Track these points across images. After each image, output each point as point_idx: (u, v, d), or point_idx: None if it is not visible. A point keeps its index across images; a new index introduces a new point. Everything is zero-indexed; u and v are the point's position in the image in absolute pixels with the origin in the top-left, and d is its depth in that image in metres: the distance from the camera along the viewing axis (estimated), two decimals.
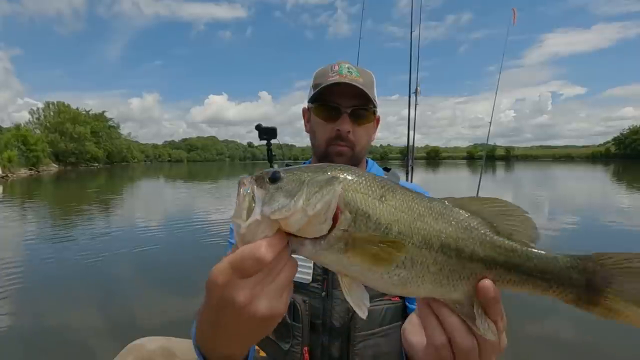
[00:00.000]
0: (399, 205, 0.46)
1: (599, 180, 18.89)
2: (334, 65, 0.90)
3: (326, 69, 0.90)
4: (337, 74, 0.87)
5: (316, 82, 0.91)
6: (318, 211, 0.43)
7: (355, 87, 0.85)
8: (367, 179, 0.46)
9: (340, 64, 0.89)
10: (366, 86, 0.87)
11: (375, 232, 0.44)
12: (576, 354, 2.27)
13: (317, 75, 0.92)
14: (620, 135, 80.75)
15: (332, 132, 0.89)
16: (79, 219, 7.84)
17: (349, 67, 0.89)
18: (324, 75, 0.89)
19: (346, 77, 0.86)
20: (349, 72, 0.87)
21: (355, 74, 0.88)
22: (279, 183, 0.45)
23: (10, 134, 37.21)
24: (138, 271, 4.12)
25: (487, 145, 3.17)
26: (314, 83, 0.92)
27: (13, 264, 4.30)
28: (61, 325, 2.69)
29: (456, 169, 39.78)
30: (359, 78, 0.88)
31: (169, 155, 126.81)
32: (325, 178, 0.45)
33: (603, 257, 0.46)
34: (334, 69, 0.89)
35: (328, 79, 0.87)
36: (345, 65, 0.89)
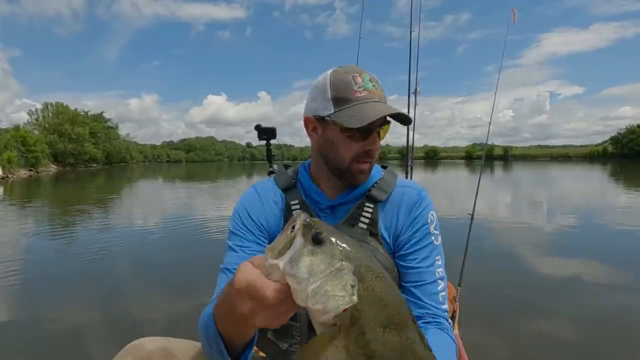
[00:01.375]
0: (401, 344, 0.46)
1: (597, 180, 18.94)
2: (356, 76, 0.83)
3: (347, 80, 0.83)
4: (364, 89, 0.83)
5: (339, 95, 0.83)
6: (317, 309, 0.44)
7: (388, 107, 0.83)
8: (384, 308, 0.46)
9: (362, 75, 0.84)
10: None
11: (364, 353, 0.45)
12: (576, 354, 2.28)
13: (336, 86, 0.84)
14: (618, 135, 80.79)
15: (360, 149, 0.86)
16: (78, 219, 7.85)
17: (371, 79, 0.85)
18: (348, 89, 0.83)
19: (375, 94, 0.83)
20: (373, 87, 0.84)
21: (379, 87, 0.86)
22: (316, 248, 0.46)
23: (10, 135, 37.10)
24: (136, 271, 4.13)
25: (487, 145, 3.18)
26: (335, 95, 0.84)
27: (12, 264, 4.33)
28: (60, 325, 2.68)
29: (455, 168, 39.80)
30: (383, 91, 0.86)
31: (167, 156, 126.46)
32: (351, 281, 0.45)
33: None
34: (357, 81, 0.83)
35: (355, 94, 0.82)
36: (367, 77, 0.84)
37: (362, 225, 0.91)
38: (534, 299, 3.09)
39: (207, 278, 3.65)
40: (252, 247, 0.91)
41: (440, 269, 0.91)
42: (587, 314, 2.85)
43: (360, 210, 0.92)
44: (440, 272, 0.91)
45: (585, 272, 3.83)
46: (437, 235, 0.93)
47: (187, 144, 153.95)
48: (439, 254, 0.93)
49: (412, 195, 0.94)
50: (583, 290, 3.35)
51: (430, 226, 0.92)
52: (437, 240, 0.93)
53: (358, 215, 0.91)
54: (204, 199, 11.96)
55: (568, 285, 3.46)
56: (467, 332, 1.90)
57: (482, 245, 4.81)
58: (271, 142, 1.91)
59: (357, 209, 0.92)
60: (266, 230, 0.94)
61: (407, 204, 0.93)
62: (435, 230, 0.93)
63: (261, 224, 0.93)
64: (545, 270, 3.92)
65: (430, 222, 0.92)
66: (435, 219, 0.94)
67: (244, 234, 0.92)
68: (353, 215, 0.92)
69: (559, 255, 4.57)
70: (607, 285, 3.47)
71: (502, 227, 6.41)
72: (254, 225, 0.93)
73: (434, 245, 0.92)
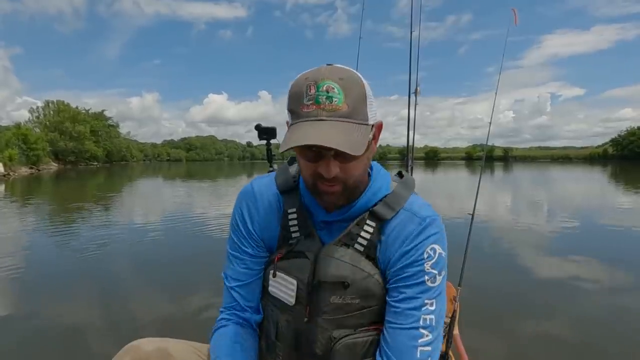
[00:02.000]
0: None
1: (597, 182, 18.95)
2: (311, 86, 0.67)
3: (301, 90, 0.69)
4: (313, 104, 0.67)
5: (290, 106, 0.71)
6: None
7: (317, 133, 0.65)
8: None
9: (318, 83, 0.67)
10: (354, 112, 0.68)
11: None
12: (576, 354, 2.28)
13: (291, 95, 0.71)
14: (618, 137, 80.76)
15: (314, 171, 0.72)
16: (78, 217, 7.86)
17: (328, 89, 0.66)
18: (298, 99, 0.69)
19: (325, 108, 0.66)
20: (328, 100, 0.66)
21: (338, 99, 0.67)
22: None
23: (11, 132, 37.15)
24: (135, 271, 4.13)
25: (488, 145, 3.17)
26: (289, 107, 0.71)
27: (11, 261, 4.34)
28: (58, 325, 2.68)
29: (455, 169, 39.82)
30: (343, 105, 0.67)
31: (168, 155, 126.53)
32: None
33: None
34: (309, 92, 0.67)
35: (303, 109, 0.68)
36: (324, 86, 0.66)
37: (358, 247, 0.79)
38: (534, 299, 3.10)
39: (206, 278, 3.66)
40: (245, 260, 0.87)
41: (429, 317, 0.75)
42: (587, 314, 2.85)
43: (360, 229, 0.80)
44: (430, 320, 0.75)
45: (586, 273, 3.83)
46: (435, 275, 0.76)
47: (188, 143, 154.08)
48: (434, 297, 0.76)
49: (412, 223, 0.78)
50: (583, 290, 3.35)
51: (426, 263, 0.76)
52: (432, 281, 0.76)
53: (356, 235, 0.80)
54: (204, 198, 11.97)
55: (568, 286, 3.46)
56: (467, 332, 1.90)
57: (483, 245, 4.82)
58: (271, 141, 1.90)
59: (357, 225, 0.80)
60: (260, 239, 0.87)
61: (404, 233, 0.78)
62: (433, 268, 0.76)
63: (255, 232, 0.86)
64: (546, 271, 3.93)
65: (427, 259, 0.76)
66: (437, 255, 0.77)
67: (239, 241, 0.88)
68: (350, 234, 0.80)
69: (559, 255, 4.57)
70: (607, 285, 3.47)
71: (502, 227, 6.41)
72: (248, 232, 0.87)
73: (426, 287, 0.75)
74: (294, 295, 0.79)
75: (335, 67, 0.71)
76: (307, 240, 0.81)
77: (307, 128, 0.66)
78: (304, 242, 0.81)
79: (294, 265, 0.80)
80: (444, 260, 0.78)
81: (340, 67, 0.71)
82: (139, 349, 0.78)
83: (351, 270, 0.77)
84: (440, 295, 0.77)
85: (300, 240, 0.82)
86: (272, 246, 0.87)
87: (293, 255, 0.81)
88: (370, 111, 0.71)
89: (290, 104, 0.71)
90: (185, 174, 30.61)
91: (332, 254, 0.78)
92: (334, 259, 0.78)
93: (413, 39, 2.62)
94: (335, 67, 0.71)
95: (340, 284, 0.77)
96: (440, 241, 0.78)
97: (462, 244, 2.36)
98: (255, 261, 0.87)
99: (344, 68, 0.71)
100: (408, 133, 2.74)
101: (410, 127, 2.74)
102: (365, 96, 0.70)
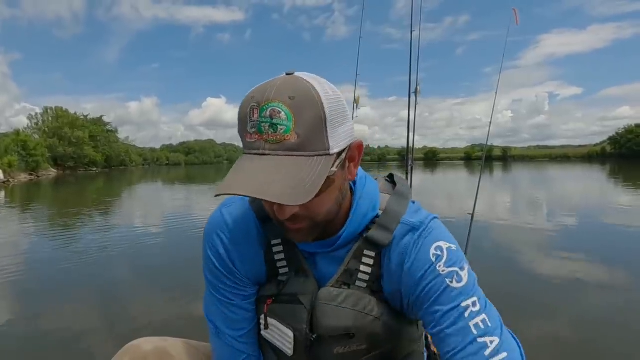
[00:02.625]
0: None
1: (596, 180, 18.99)
2: (254, 110, 0.54)
3: (245, 114, 0.56)
4: (256, 132, 0.55)
5: (239, 131, 0.59)
6: None
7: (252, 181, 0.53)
8: None
9: (262, 106, 0.54)
10: (307, 142, 0.54)
11: None
12: (577, 354, 2.28)
13: (239, 116, 0.58)
14: (616, 135, 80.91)
15: (271, 207, 0.61)
16: (79, 221, 7.89)
17: (272, 114, 0.53)
18: (243, 124, 0.57)
19: (268, 139, 0.54)
20: (272, 129, 0.53)
21: (285, 127, 0.53)
22: None
23: (10, 139, 37.22)
24: (133, 272, 4.16)
25: (488, 145, 3.17)
26: (238, 126, 0.59)
27: (12, 265, 4.36)
28: (58, 327, 2.70)
29: (454, 169, 39.85)
30: (290, 135, 0.53)
31: (167, 159, 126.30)
32: None
33: None
34: (252, 117, 0.55)
35: (246, 137, 0.57)
36: (268, 110, 0.53)
37: (361, 284, 0.68)
38: (535, 299, 3.11)
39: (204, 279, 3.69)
40: (237, 304, 0.75)
41: (480, 318, 0.61)
42: (588, 313, 2.86)
43: (358, 262, 0.68)
44: (483, 322, 0.61)
45: (586, 272, 3.84)
46: (456, 271, 0.64)
47: (187, 147, 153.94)
48: (471, 295, 0.62)
49: (407, 234, 0.67)
50: (584, 289, 3.36)
51: (438, 266, 0.64)
52: (458, 280, 0.63)
53: (355, 271, 0.68)
54: (202, 201, 11.98)
55: (569, 285, 3.47)
56: None
57: (482, 245, 4.83)
58: None
59: (354, 259, 0.68)
60: (242, 274, 0.74)
61: (403, 249, 0.67)
62: (449, 267, 0.64)
63: (238, 270, 0.74)
64: (546, 270, 3.94)
65: (436, 261, 0.64)
66: (446, 251, 0.65)
67: (222, 284, 0.75)
68: (349, 271, 0.68)
69: (559, 254, 4.58)
70: (608, 285, 3.48)
71: (502, 227, 6.43)
72: (230, 271, 0.74)
73: (454, 289, 0.62)
74: (292, 347, 0.71)
75: (290, 80, 0.56)
76: (298, 277, 0.70)
77: (245, 166, 0.55)
78: (295, 280, 0.70)
79: (288, 313, 0.70)
80: (456, 252, 0.66)
81: (297, 80, 0.56)
82: (138, 348, 0.77)
83: (356, 317, 0.67)
84: (476, 288, 0.64)
85: (290, 278, 0.71)
86: (259, 282, 0.75)
87: (285, 299, 0.70)
88: (334, 137, 0.56)
89: (238, 126, 0.59)
90: (185, 178, 30.62)
91: (331, 300, 0.67)
92: (335, 307, 0.67)
93: (413, 39, 2.62)
94: (291, 80, 0.56)
95: (345, 335, 0.68)
96: (443, 236, 0.67)
97: (462, 244, 2.39)
98: (250, 301, 0.76)
99: (302, 81, 0.56)
100: (408, 133, 2.73)
101: (410, 127, 2.72)
102: (323, 120, 0.55)
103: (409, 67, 2.62)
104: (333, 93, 0.58)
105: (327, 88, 0.57)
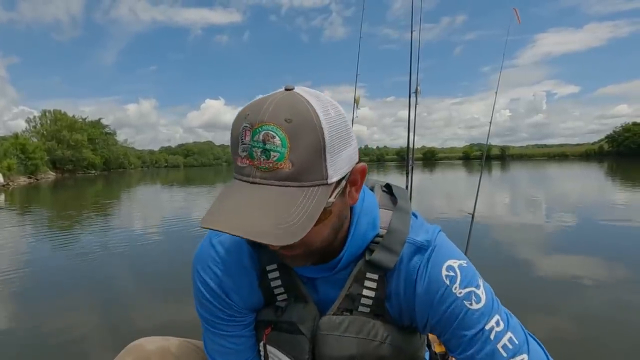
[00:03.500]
0: None
1: (594, 179, 19.06)
2: (246, 132, 0.49)
3: (237, 135, 0.51)
4: (247, 157, 0.50)
5: (231, 153, 0.53)
6: None
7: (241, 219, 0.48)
8: None
9: (255, 128, 0.48)
10: (302, 171, 0.49)
11: None
12: (577, 353, 2.27)
13: (231, 131, 0.53)
14: (613, 133, 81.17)
15: None
16: (79, 223, 7.94)
17: (265, 138, 0.48)
18: (234, 144, 0.52)
19: (260, 166, 0.49)
20: (264, 155, 0.48)
21: (279, 154, 0.48)
22: None
23: (9, 142, 37.26)
24: (135, 273, 4.19)
25: (487, 145, 3.18)
26: (230, 144, 0.54)
27: (13, 268, 4.39)
28: (60, 327, 2.71)
29: (453, 169, 39.91)
30: (284, 163, 0.48)
31: (165, 161, 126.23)
32: None
33: None
34: (244, 139, 0.50)
35: (237, 160, 0.52)
36: (261, 134, 0.48)
37: (363, 309, 0.65)
38: (535, 298, 3.11)
39: None
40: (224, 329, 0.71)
41: (506, 338, 0.58)
42: (588, 311, 2.86)
43: (360, 287, 0.64)
44: (510, 341, 0.58)
45: (586, 271, 3.85)
46: (473, 291, 0.60)
47: (185, 149, 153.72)
48: (493, 314, 0.60)
49: (414, 256, 0.63)
50: (583, 288, 3.37)
51: (454, 288, 0.61)
52: (477, 300, 0.60)
53: (358, 296, 0.64)
54: (202, 203, 12.02)
55: (569, 283, 3.47)
56: None
57: (482, 245, 4.84)
58: None
59: (356, 282, 0.64)
60: (239, 306, 0.70)
61: (411, 272, 0.63)
62: (464, 287, 0.60)
63: (234, 302, 0.69)
64: (546, 269, 3.95)
65: (450, 283, 0.61)
66: (458, 269, 0.62)
67: (217, 318, 0.71)
68: (350, 296, 0.64)
69: (559, 253, 4.60)
70: (608, 283, 3.48)
71: (501, 226, 6.47)
72: (226, 304, 0.69)
73: (475, 311, 0.59)
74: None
75: (288, 99, 0.50)
76: (297, 305, 0.67)
77: (233, 196, 0.50)
78: (294, 308, 0.67)
79: (288, 343, 0.66)
80: (468, 268, 0.63)
81: (296, 99, 0.50)
82: (141, 348, 0.77)
83: (360, 344, 0.64)
84: (495, 303, 0.61)
85: (289, 304, 0.67)
86: (256, 308, 0.72)
87: (285, 327, 0.67)
88: (333, 164, 0.51)
89: (231, 146, 0.53)
90: (184, 180, 30.63)
91: (333, 329, 0.64)
92: (337, 337, 0.64)
93: (413, 39, 2.60)
94: (289, 99, 0.50)
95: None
96: (451, 253, 0.64)
97: (462, 244, 2.42)
98: (250, 328, 0.73)
99: (301, 100, 0.50)
100: (408, 133, 2.69)
101: (410, 127, 2.68)
102: (321, 147, 0.49)
103: (409, 67, 2.60)
104: (335, 113, 0.52)
105: (328, 108, 0.51)
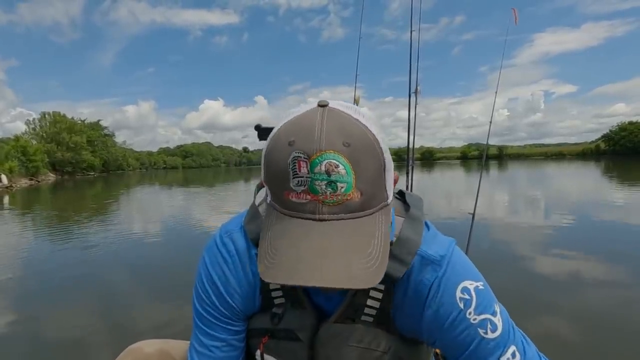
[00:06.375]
0: None
1: (591, 178, 19.16)
2: (300, 162, 0.43)
3: (282, 162, 0.45)
4: (307, 191, 0.44)
5: (270, 185, 0.48)
6: None
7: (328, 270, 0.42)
8: None
9: (313, 159, 0.43)
10: (370, 198, 0.45)
11: None
12: (577, 353, 2.27)
13: (269, 168, 0.47)
14: (610, 132, 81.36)
15: None
16: (79, 224, 7.99)
17: (329, 169, 0.42)
18: (281, 180, 0.46)
19: (326, 200, 0.44)
20: (330, 188, 0.43)
21: (346, 184, 0.43)
22: None
23: (11, 145, 37.35)
24: (134, 275, 4.20)
25: (487, 145, 3.20)
26: (266, 180, 0.49)
27: (14, 269, 4.44)
28: (60, 329, 2.71)
29: (451, 169, 39.93)
30: (353, 194, 0.44)
31: (164, 163, 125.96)
32: None
33: None
34: (298, 170, 0.44)
35: (290, 195, 0.45)
36: (323, 164, 0.43)
37: (367, 318, 0.61)
38: (535, 298, 3.09)
39: None
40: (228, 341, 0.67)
41: (510, 349, 0.56)
42: (588, 312, 2.83)
43: (365, 296, 0.61)
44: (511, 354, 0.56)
45: (586, 270, 3.81)
46: (488, 319, 0.57)
47: (184, 150, 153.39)
48: (507, 343, 0.57)
49: (426, 270, 0.59)
50: (583, 288, 3.34)
51: (468, 313, 0.56)
52: (492, 328, 0.56)
53: (361, 305, 0.61)
54: (201, 204, 12.08)
55: (569, 282, 3.46)
56: None
57: (482, 245, 4.85)
58: None
59: (361, 291, 0.60)
60: (239, 308, 0.66)
61: (421, 288, 0.59)
62: (480, 313, 0.56)
63: (236, 305, 0.66)
64: (547, 268, 3.95)
65: (464, 307, 0.56)
66: (474, 292, 0.57)
67: (216, 319, 0.66)
68: (353, 305, 0.61)
69: (558, 253, 4.58)
70: (608, 282, 3.44)
71: (501, 225, 6.50)
72: (229, 306, 0.66)
73: (490, 341, 0.56)
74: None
75: (334, 119, 0.45)
76: (295, 311, 0.64)
77: (300, 237, 0.44)
78: (292, 314, 0.64)
79: (285, 350, 0.64)
80: (484, 292, 0.58)
81: (343, 118, 0.45)
82: (140, 350, 0.77)
83: (361, 355, 0.61)
84: (511, 331, 0.58)
85: (287, 310, 0.64)
86: (251, 313, 0.68)
87: (282, 334, 0.63)
88: (388, 181, 0.48)
89: (269, 181, 0.47)
90: (182, 181, 30.66)
91: (333, 338, 0.61)
92: (337, 345, 0.61)
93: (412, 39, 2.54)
94: (335, 119, 0.45)
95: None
96: (467, 273, 0.59)
97: (463, 244, 2.47)
98: (239, 337, 0.68)
99: (349, 119, 0.45)
100: (408, 133, 2.66)
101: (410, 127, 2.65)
102: (382, 168, 0.45)
103: (409, 67, 2.57)
104: (376, 127, 0.47)
105: (372, 123, 0.46)
